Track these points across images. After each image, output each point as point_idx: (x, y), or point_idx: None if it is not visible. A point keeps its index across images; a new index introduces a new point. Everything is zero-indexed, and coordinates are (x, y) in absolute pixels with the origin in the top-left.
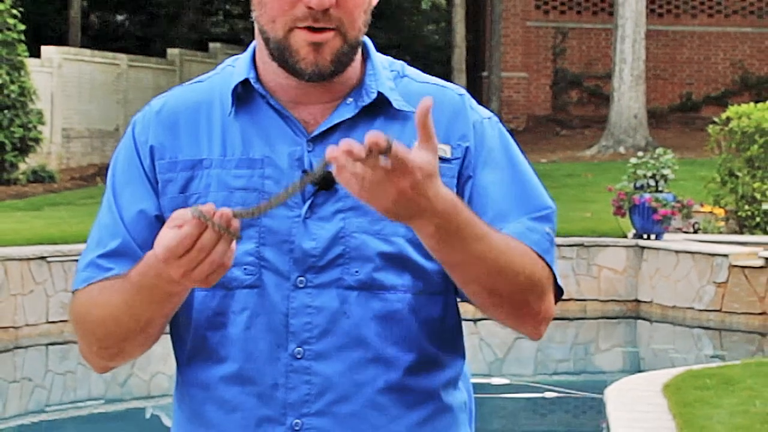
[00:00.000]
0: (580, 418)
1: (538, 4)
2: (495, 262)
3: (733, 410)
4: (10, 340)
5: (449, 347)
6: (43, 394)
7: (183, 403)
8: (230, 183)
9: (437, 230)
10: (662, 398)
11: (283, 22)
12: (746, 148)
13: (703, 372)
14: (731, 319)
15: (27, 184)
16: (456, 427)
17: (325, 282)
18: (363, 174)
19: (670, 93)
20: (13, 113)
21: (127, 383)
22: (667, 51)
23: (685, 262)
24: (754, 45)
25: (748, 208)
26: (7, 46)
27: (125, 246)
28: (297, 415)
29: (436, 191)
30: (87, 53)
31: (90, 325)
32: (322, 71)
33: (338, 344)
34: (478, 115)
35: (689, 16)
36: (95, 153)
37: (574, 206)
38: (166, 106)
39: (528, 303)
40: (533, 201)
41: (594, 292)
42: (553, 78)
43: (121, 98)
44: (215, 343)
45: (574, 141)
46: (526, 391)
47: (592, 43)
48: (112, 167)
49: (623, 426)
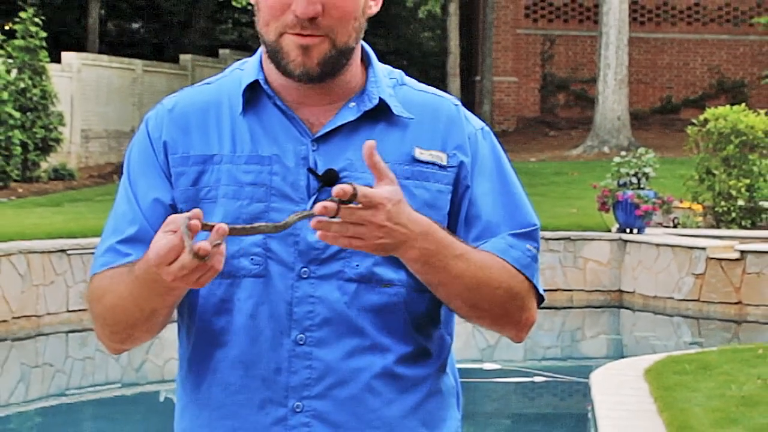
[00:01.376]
0: (567, 401)
1: (528, 13)
2: (474, 278)
3: (711, 394)
4: (33, 327)
5: (438, 338)
6: (64, 379)
7: (187, 385)
8: (240, 178)
9: (420, 253)
10: (644, 382)
11: (275, 27)
12: (722, 148)
13: (682, 358)
14: (708, 308)
15: (48, 181)
16: (445, 410)
17: (327, 274)
18: (345, 227)
19: (652, 96)
20: (36, 115)
21: (141, 368)
22: (649, 57)
23: (666, 255)
24: (730, 51)
25: (725, 204)
26: (29, 52)
27: (143, 232)
28: (298, 398)
29: (408, 215)
30: (104, 59)
31: (102, 310)
32: (309, 73)
33: (337, 332)
34: (472, 127)
35: (669, 24)
36: (112, 152)
37: (561, 202)
38: (178, 105)
39: (508, 314)
40: (519, 216)
41: (580, 282)
42: (541, 82)
43: (137, 101)
44: (221, 328)
45: (561, 141)
46: (516, 376)
47: (578, 49)
48: (127, 160)
49: (607, 408)
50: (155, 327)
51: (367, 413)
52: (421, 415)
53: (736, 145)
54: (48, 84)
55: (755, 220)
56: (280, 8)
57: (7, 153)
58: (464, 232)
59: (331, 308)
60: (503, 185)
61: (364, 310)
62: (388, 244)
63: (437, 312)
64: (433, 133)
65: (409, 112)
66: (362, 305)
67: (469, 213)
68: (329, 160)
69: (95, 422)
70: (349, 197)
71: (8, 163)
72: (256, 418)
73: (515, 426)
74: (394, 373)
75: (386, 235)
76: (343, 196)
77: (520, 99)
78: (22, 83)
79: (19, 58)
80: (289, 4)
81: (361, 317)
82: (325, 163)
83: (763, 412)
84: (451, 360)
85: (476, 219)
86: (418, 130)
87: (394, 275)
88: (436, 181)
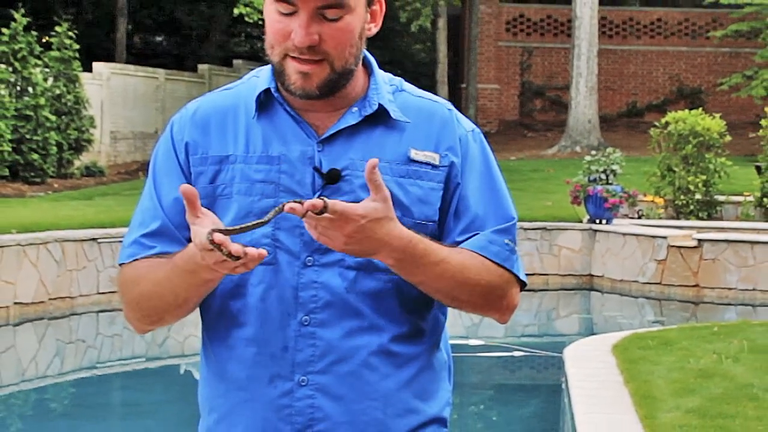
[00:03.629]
0: (543, 374)
1: (508, 27)
2: (453, 278)
3: (671, 367)
4: (67, 308)
5: (432, 318)
6: (94, 354)
7: (209, 361)
8: (252, 176)
9: (396, 261)
10: (611, 357)
11: (279, 51)
12: (682, 148)
13: (645, 335)
14: (669, 290)
15: (81, 177)
16: (438, 382)
17: (329, 262)
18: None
19: (618, 102)
20: (69, 118)
21: (164, 344)
22: (616, 66)
23: (631, 243)
24: (688, 61)
25: (684, 198)
26: (64, 63)
27: (165, 227)
28: (303, 373)
29: (389, 231)
30: (131, 68)
31: (136, 296)
32: (309, 95)
33: (338, 314)
34: (463, 129)
35: (634, 37)
36: (138, 152)
37: (538, 196)
38: (200, 110)
39: (488, 303)
40: (502, 210)
41: (554, 267)
42: (520, 89)
43: (159, 106)
44: (236, 310)
45: (538, 142)
46: (498, 351)
47: (553, 60)
48: (152, 160)
49: (579, 380)
50: (184, 313)
51: (364, 386)
52: (415, 387)
53: (694, 145)
54: (81, 91)
55: (711, 212)
56: (282, 35)
57: (44, 152)
58: (453, 224)
59: (333, 293)
60: (490, 183)
61: (362, 294)
62: (353, 250)
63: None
64: (428, 136)
65: (406, 116)
66: (360, 290)
67: (459, 207)
68: (333, 160)
69: (122, 392)
70: (320, 209)
71: (45, 161)
72: (266, 390)
73: (497, 395)
74: (390, 350)
75: (353, 243)
76: (314, 209)
77: (501, 104)
78: (58, 90)
79: (54, 68)
80: (290, 31)
81: (359, 301)
82: (329, 162)
83: (717, 383)
84: (445, 337)
85: (465, 212)
86: (414, 132)
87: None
88: (429, 179)
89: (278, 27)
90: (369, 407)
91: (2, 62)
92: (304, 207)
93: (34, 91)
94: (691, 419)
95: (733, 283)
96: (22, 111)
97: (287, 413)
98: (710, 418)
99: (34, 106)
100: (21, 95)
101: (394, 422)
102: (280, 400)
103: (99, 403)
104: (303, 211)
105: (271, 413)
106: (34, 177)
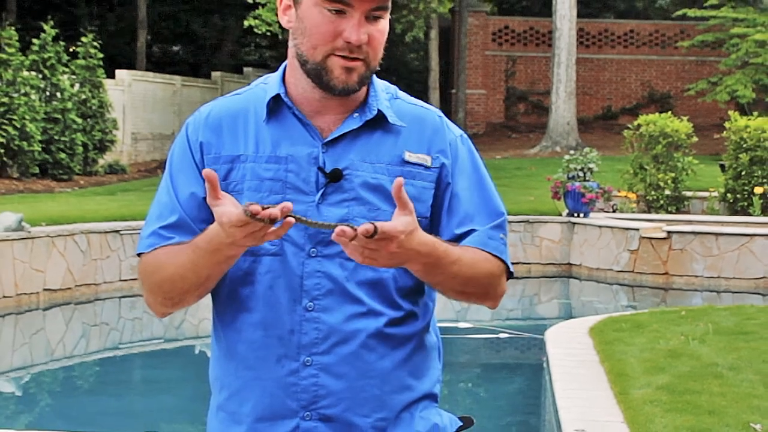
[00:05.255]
0: (526, 353)
1: (494, 38)
2: (466, 275)
3: (643, 347)
4: (92, 293)
5: (423, 304)
6: (117, 335)
7: (220, 342)
8: (261, 174)
9: (423, 266)
10: (588, 338)
11: (323, 50)
12: (652, 148)
13: (619, 318)
14: (641, 278)
15: (105, 175)
16: (429, 361)
17: (331, 253)
18: (360, 250)
19: (595, 106)
20: (94, 121)
21: (180, 326)
22: (592, 74)
23: (606, 234)
24: (658, 69)
25: (654, 194)
26: (89, 70)
27: (182, 220)
28: (308, 354)
29: (419, 240)
30: (150, 75)
31: (158, 280)
32: (350, 88)
33: (339, 301)
34: (453, 134)
35: (609, 47)
36: (156, 151)
37: (521, 192)
38: (212, 112)
39: (488, 292)
40: (491, 206)
41: (536, 257)
42: (505, 94)
43: (176, 109)
44: (245, 296)
45: (522, 142)
46: (485, 333)
47: (535, 67)
48: (169, 158)
49: (559, 359)
50: (204, 292)
51: (364, 366)
52: (409, 366)
53: (664, 145)
54: (104, 96)
55: (679, 206)
56: (332, 35)
57: (71, 152)
58: (447, 220)
59: (334, 281)
60: (479, 181)
61: (361, 283)
62: (394, 264)
63: (422, 285)
64: (421, 140)
65: (401, 121)
66: (359, 279)
67: (452, 204)
68: (335, 161)
69: (142, 370)
70: (372, 233)
71: (72, 160)
72: (274, 369)
73: (484, 373)
74: (386, 333)
75: (395, 258)
76: (366, 234)
77: (488, 108)
78: (83, 95)
79: (80, 75)
80: (341, 32)
81: (358, 289)
82: (331, 162)
83: (684, 362)
84: (434, 321)
85: (457, 209)
86: (408, 136)
87: None
88: (422, 179)
89: (328, 27)
90: (368, 384)
91: (33, 70)
92: (359, 231)
93: (62, 96)
94: (661, 395)
95: (699, 271)
96: (51, 114)
97: (293, 390)
98: (678, 394)
99: (62, 110)
100: (50, 100)
101: (390, 398)
102: (287, 379)
103: (121, 380)
104: (352, 236)
105: (279, 390)
106: (62, 174)
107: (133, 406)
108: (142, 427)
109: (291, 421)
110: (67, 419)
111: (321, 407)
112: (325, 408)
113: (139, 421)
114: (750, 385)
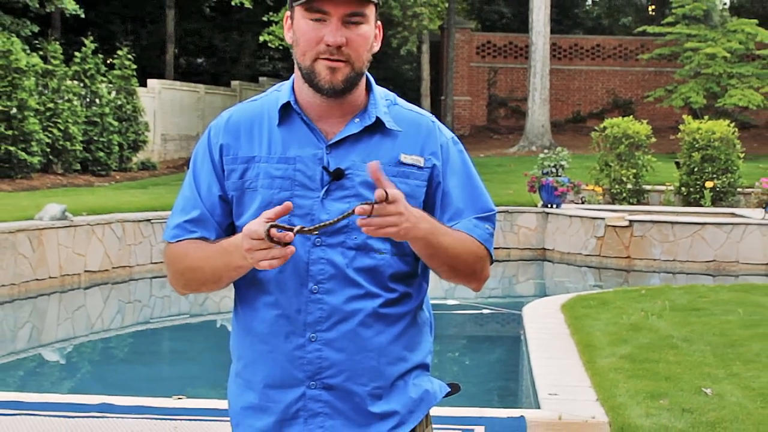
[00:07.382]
0: (506, 327)
1: (478, 51)
2: (455, 249)
3: (608, 322)
4: (127, 274)
5: (417, 285)
6: (148, 311)
7: (238, 318)
8: (272, 173)
9: (424, 232)
10: (560, 314)
11: (311, 55)
12: (616, 147)
13: (588, 296)
14: (606, 261)
15: (138, 171)
16: (421, 336)
17: (334, 243)
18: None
19: (566, 110)
20: (128, 124)
21: (204, 303)
22: (564, 82)
23: (576, 223)
24: (622, 78)
25: (618, 187)
26: (124, 79)
27: (203, 215)
28: (312, 331)
29: (409, 207)
30: (177, 84)
31: (181, 268)
32: (335, 87)
33: (340, 284)
34: (444, 138)
35: (579, 59)
36: (183, 150)
37: (501, 186)
38: (232, 118)
39: (474, 272)
40: (481, 203)
41: (515, 242)
42: (488, 100)
43: (200, 114)
44: (260, 279)
45: (502, 142)
46: (470, 309)
47: (514, 77)
48: (193, 158)
49: (534, 331)
50: (217, 288)
51: (362, 341)
52: (403, 341)
53: (626, 145)
54: (137, 102)
55: (640, 198)
56: (315, 41)
57: (108, 151)
58: (440, 215)
59: (336, 267)
60: (468, 180)
61: (359, 269)
62: (408, 227)
63: (416, 269)
64: (415, 142)
65: (398, 126)
66: (358, 266)
67: (444, 201)
68: (338, 161)
69: (171, 342)
70: (384, 198)
71: (109, 158)
72: (283, 344)
73: (469, 344)
74: (381, 312)
75: (406, 220)
76: (380, 198)
77: (472, 112)
78: (119, 101)
79: (116, 84)
80: (322, 37)
81: (356, 274)
82: (335, 163)
83: (645, 335)
84: (427, 299)
85: (449, 205)
86: (404, 139)
87: (383, 245)
88: (415, 178)
89: (312, 35)
90: (366, 357)
91: (75, 79)
92: (376, 197)
93: (100, 103)
94: (624, 363)
95: (657, 255)
96: (91, 118)
97: (300, 363)
98: (639, 363)
99: (100, 114)
100: (90, 106)
101: (387, 368)
102: (295, 352)
103: (152, 351)
104: (370, 210)
105: (287, 363)
106: (100, 171)
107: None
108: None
109: (298, 389)
110: (105, 385)
111: (324, 377)
112: (328, 378)
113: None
114: (702, 355)
